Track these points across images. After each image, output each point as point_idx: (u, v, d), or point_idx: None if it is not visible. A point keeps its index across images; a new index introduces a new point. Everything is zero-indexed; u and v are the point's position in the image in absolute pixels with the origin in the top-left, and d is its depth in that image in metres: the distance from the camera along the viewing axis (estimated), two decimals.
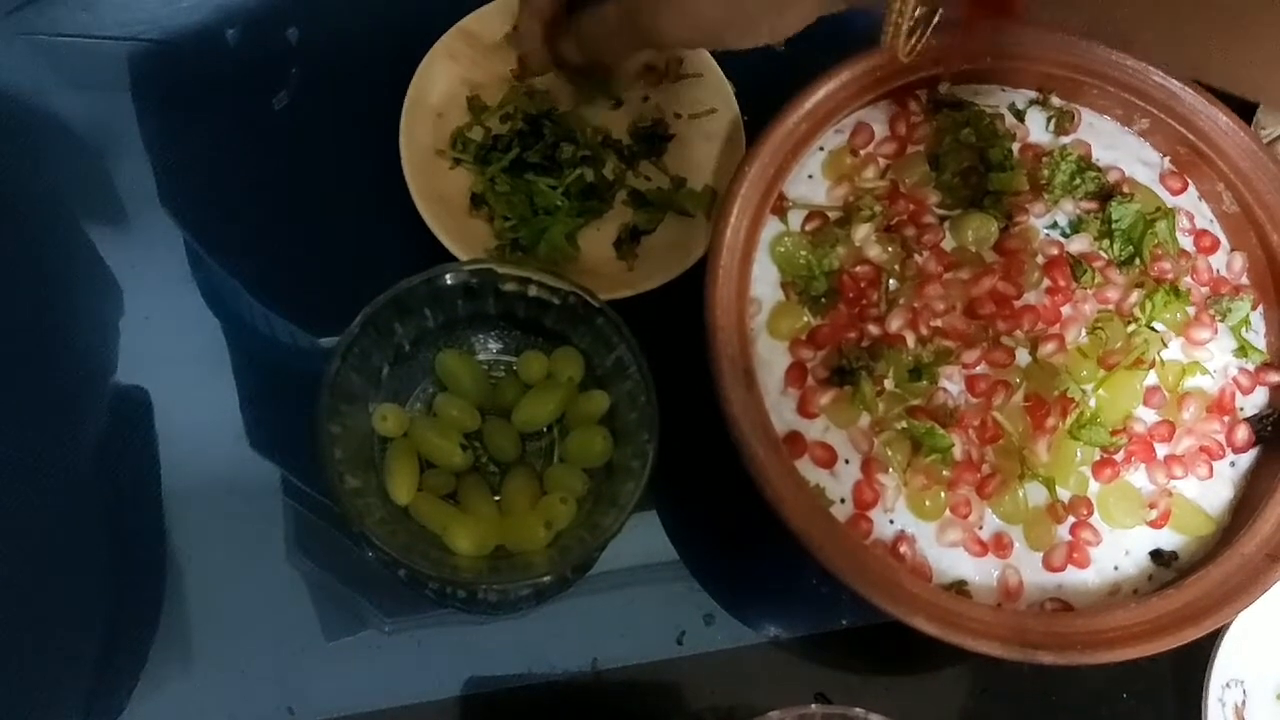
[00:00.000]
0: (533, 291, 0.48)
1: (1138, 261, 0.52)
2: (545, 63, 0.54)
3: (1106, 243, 0.52)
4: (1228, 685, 0.52)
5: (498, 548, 0.46)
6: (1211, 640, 0.51)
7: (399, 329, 0.47)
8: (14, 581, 0.48)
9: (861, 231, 0.50)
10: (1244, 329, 0.52)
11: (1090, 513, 0.48)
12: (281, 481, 0.52)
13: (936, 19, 0.44)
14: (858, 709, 0.43)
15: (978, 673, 0.53)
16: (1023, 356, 0.50)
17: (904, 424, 0.48)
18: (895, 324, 0.49)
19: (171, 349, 0.53)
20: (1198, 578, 0.47)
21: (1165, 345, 0.51)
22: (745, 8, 0.44)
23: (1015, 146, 0.53)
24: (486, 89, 0.58)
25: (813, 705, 0.43)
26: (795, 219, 0.51)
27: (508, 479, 0.49)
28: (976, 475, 0.48)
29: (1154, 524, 0.49)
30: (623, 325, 0.46)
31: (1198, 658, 0.51)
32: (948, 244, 0.51)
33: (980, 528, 0.48)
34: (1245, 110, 0.57)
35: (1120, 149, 0.54)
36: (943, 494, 0.48)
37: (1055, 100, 0.54)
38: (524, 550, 0.46)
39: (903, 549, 0.47)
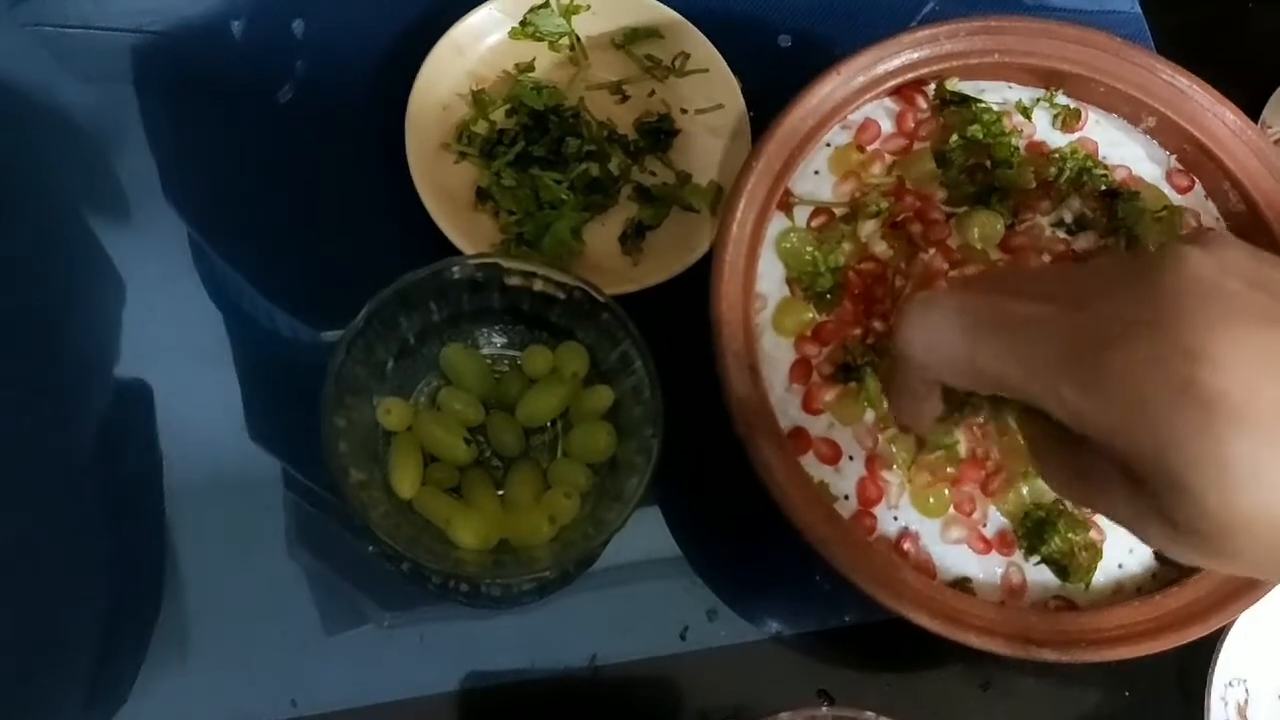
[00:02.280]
0: (538, 286, 0.48)
1: None
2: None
3: (1112, 240, 0.52)
4: (1230, 684, 0.52)
5: (501, 542, 0.46)
6: (1215, 638, 0.51)
7: (404, 322, 0.47)
8: (13, 574, 0.48)
9: (868, 228, 0.50)
10: None
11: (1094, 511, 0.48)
12: (283, 475, 0.51)
13: None
14: (868, 712, 0.43)
15: (980, 670, 0.52)
16: None
17: None
18: None
19: (173, 341, 0.53)
20: (1201, 576, 0.47)
21: None
22: None
23: (1021, 143, 0.53)
24: (491, 83, 0.57)
25: (823, 708, 0.43)
26: (801, 215, 0.51)
27: (511, 473, 0.49)
28: (981, 472, 0.48)
29: None
30: (627, 320, 0.46)
31: (1201, 656, 0.51)
32: (954, 241, 0.51)
33: (984, 525, 0.48)
34: (1252, 108, 0.57)
35: (1127, 147, 0.54)
36: (947, 491, 0.48)
37: (1061, 98, 0.54)
38: (527, 544, 0.46)
39: (906, 546, 0.47)
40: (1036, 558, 0.47)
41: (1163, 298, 0.30)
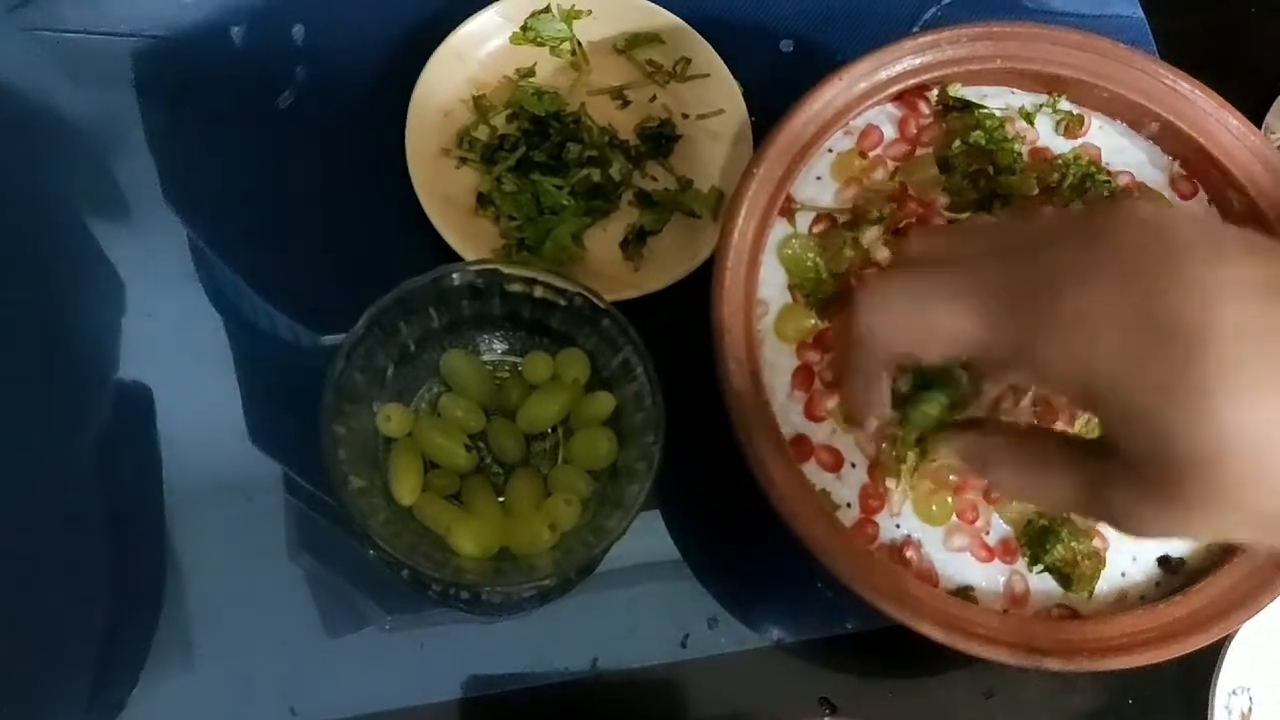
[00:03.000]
0: (538, 292, 0.47)
1: None
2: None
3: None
4: (1234, 692, 0.52)
5: (501, 549, 0.46)
6: (1218, 646, 0.50)
7: (404, 329, 0.47)
8: (14, 579, 0.48)
9: (870, 234, 0.50)
10: None
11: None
12: (284, 479, 0.51)
13: None
14: None
15: (982, 678, 0.52)
16: None
17: None
18: None
19: (174, 346, 0.53)
20: (1206, 585, 0.46)
21: None
22: None
23: (1024, 149, 0.53)
24: (492, 88, 0.57)
25: (825, 717, 0.43)
26: (803, 221, 0.51)
27: (512, 480, 0.48)
28: (983, 480, 0.48)
29: None
30: (629, 326, 0.46)
31: (1204, 664, 0.51)
32: None
33: (987, 533, 0.48)
34: (1255, 113, 0.57)
35: (1130, 153, 0.54)
36: (949, 499, 0.47)
37: (1064, 103, 0.54)
38: (528, 552, 0.46)
39: (909, 554, 0.47)
40: (1039, 566, 0.47)
41: (1115, 242, 0.31)
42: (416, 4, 0.59)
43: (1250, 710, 0.52)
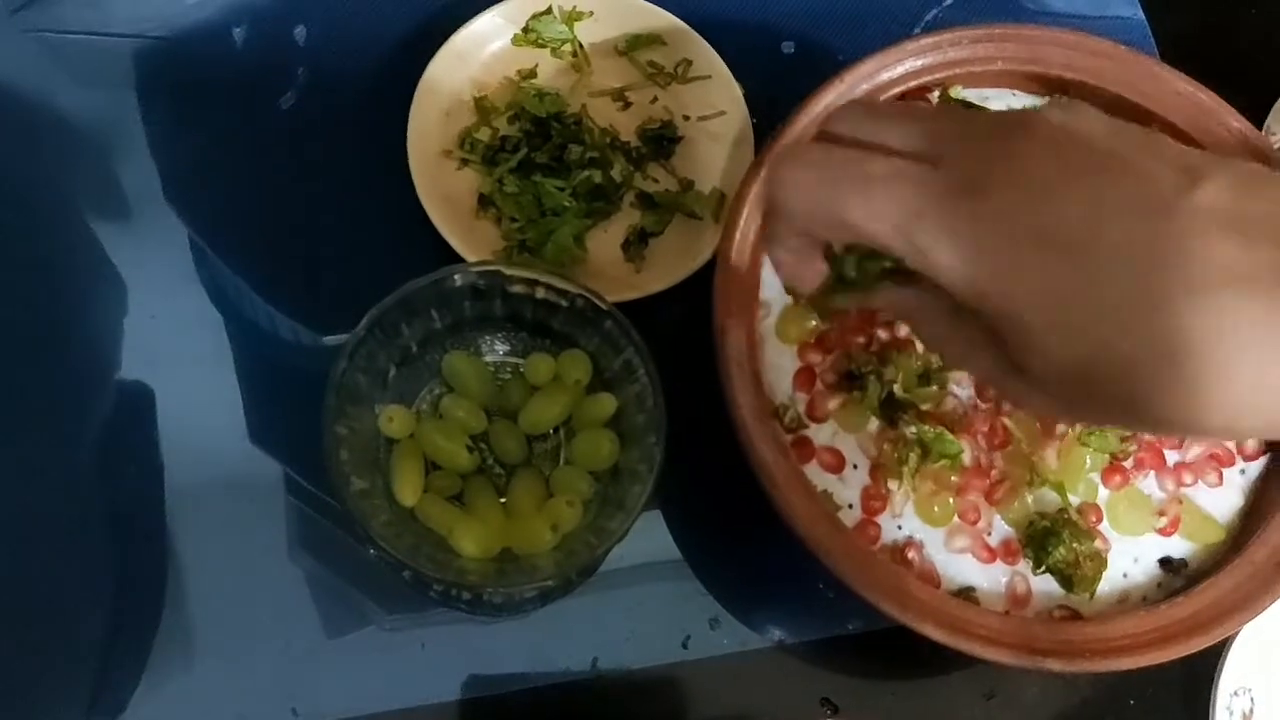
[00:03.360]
0: (540, 293, 0.47)
1: None
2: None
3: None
4: (1236, 693, 0.52)
5: (503, 550, 0.46)
6: (1219, 647, 0.50)
7: (406, 330, 0.47)
8: (15, 579, 0.48)
9: None
10: None
11: (1099, 520, 0.48)
12: (285, 479, 0.51)
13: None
14: None
15: (984, 679, 0.52)
16: None
17: (913, 429, 0.48)
18: (904, 329, 0.49)
19: (176, 347, 0.53)
20: (1207, 586, 0.46)
21: None
22: None
23: None
24: (494, 90, 0.57)
25: (827, 718, 0.43)
26: None
27: (514, 481, 0.48)
28: (985, 481, 0.48)
29: (1163, 531, 0.49)
30: (630, 328, 0.46)
31: (1206, 665, 0.51)
32: None
33: (989, 534, 0.48)
34: (1256, 114, 0.57)
35: None
36: (951, 500, 0.48)
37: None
38: (529, 553, 0.46)
39: (910, 555, 0.47)
40: (1042, 568, 0.47)
41: (1015, 152, 0.31)
42: (418, 5, 0.59)
43: (1252, 711, 0.52)
